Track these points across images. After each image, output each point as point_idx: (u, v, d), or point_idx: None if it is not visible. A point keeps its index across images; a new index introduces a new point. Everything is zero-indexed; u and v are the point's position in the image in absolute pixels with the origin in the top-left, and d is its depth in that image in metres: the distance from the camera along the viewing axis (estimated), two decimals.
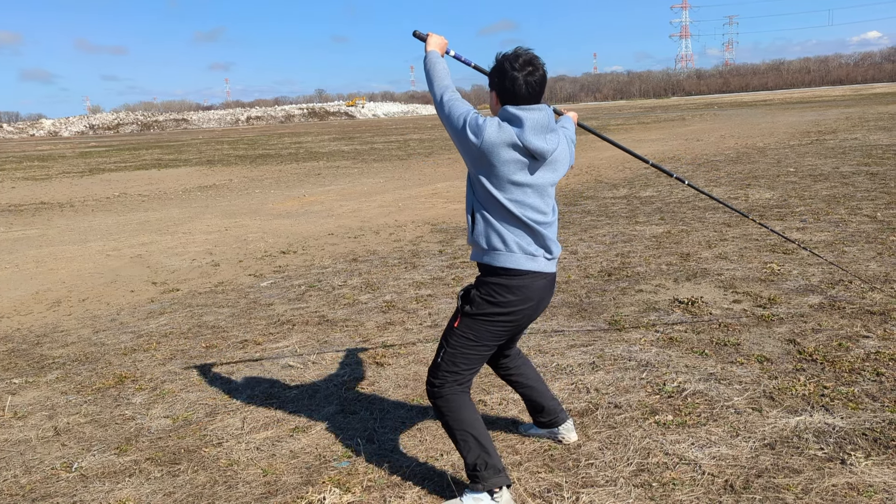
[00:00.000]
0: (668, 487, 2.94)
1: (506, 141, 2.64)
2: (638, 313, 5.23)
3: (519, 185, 2.70)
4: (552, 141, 2.72)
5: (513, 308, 2.79)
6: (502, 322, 2.82)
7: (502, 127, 2.65)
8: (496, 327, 2.82)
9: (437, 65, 2.91)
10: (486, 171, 2.69)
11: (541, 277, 2.81)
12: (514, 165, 2.67)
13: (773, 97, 79.13)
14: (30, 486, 3.33)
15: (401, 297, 6.17)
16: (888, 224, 7.62)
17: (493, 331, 2.83)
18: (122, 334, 5.66)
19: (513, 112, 2.68)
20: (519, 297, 2.78)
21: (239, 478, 3.27)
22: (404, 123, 66.56)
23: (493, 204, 2.73)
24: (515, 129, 2.65)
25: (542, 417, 3.33)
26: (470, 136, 2.66)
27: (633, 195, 11.31)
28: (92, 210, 14.18)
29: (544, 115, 2.70)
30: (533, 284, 2.79)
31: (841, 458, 3.07)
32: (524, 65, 2.68)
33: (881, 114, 28.84)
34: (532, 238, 2.78)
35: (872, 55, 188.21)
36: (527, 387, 3.27)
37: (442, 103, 2.79)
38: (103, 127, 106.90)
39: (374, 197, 13.61)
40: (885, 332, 4.50)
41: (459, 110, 2.73)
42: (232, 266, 8.01)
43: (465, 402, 2.89)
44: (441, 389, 2.86)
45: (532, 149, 2.65)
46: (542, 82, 2.71)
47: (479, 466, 2.82)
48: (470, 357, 2.86)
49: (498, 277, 2.77)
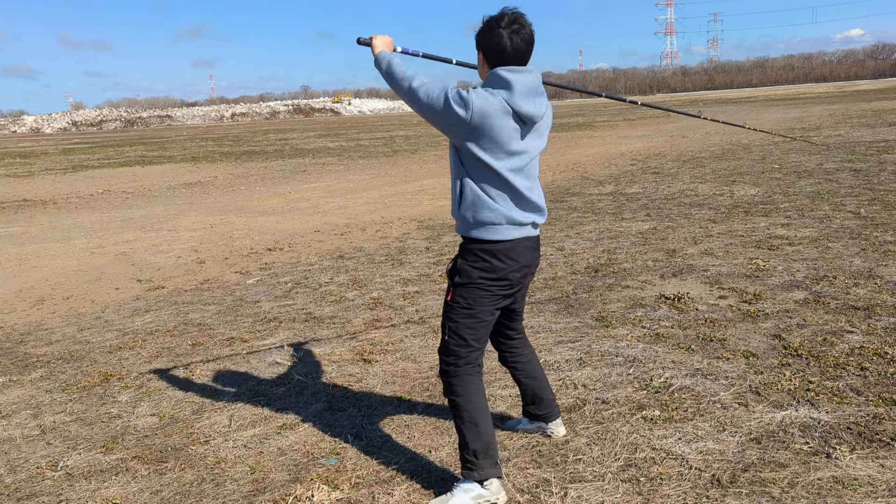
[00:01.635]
0: (655, 482, 2.95)
1: (497, 108, 2.57)
2: (625, 309, 5.25)
3: (515, 153, 2.67)
4: (541, 105, 2.69)
5: (501, 272, 2.78)
6: (494, 286, 2.80)
7: (491, 94, 2.58)
8: (489, 292, 2.80)
9: (392, 60, 2.77)
10: (480, 141, 2.61)
11: (526, 240, 2.81)
12: (508, 132, 2.62)
13: (758, 94, 79.62)
14: (15, 486, 3.30)
15: (388, 293, 6.16)
16: (871, 220, 7.69)
17: (486, 296, 2.81)
18: (107, 332, 5.62)
19: (502, 75, 2.62)
20: (505, 262, 2.77)
21: (226, 475, 3.25)
22: (390, 120, 66.43)
23: (487, 174, 2.68)
24: (504, 92, 2.59)
25: (538, 410, 3.32)
26: (457, 111, 2.55)
27: (619, 192, 11.35)
28: (75, 207, 14.05)
29: (534, 78, 2.66)
30: (519, 247, 2.79)
31: (826, 452, 3.09)
32: (510, 22, 2.63)
33: (864, 111, 29.09)
34: (523, 207, 2.76)
35: (855, 52, 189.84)
36: (530, 376, 3.26)
37: (413, 90, 2.64)
38: (86, 123, 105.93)
39: (360, 194, 13.57)
40: (868, 327, 4.54)
41: (436, 90, 2.60)
42: (217, 263, 7.96)
43: (479, 387, 2.88)
44: (456, 368, 2.84)
45: (523, 113, 2.61)
46: (529, 40, 2.66)
47: (479, 454, 2.82)
48: (473, 327, 2.83)
49: (483, 244, 2.75)
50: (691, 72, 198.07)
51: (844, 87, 79.97)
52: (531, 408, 3.34)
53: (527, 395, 3.32)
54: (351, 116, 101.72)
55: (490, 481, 2.84)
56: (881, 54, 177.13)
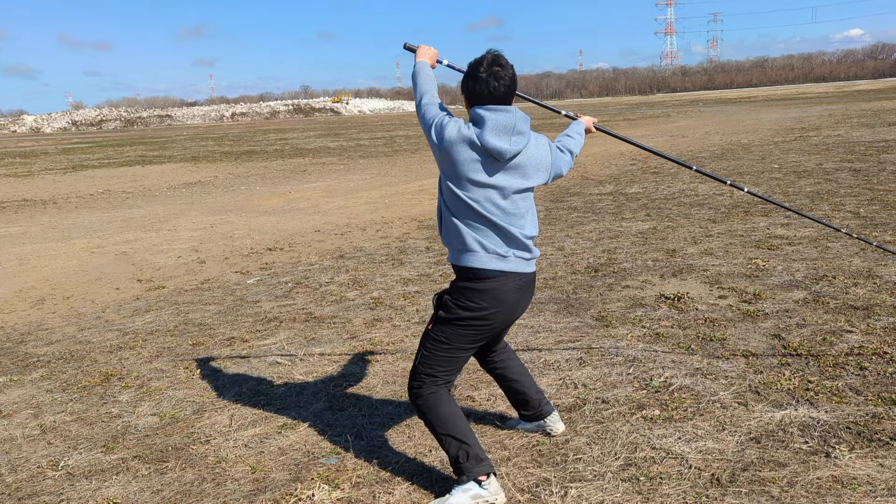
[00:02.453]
0: (655, 481, 2.96)
1: (464, 139, 2.69)
2: (624, 309, 5.26)
3: (479, 184, 2.73)
4: (516, 143, 2.72)
5: (483, 313, 2.80)
6: (475, 326, 2.83)
7: (463, 127, 2.71)
8: (469, 331, 2.84)
9: (422, 72, 3.01)
10: (450, 170, 2.75)
11: (513, 279, 2.81)
12: (472, 164, 2.70)
13: (758, 94, 79.60)
14: (16, 485, 3.30)
15: (388, 293, 6.16)
16: (871, 220, 7.70)
17: (466, 335, 2.85)
18: (107, 332, 5.62)
19: (478, 112, 2.74)
20: (489, 303, 2.79)
21: (227, 475, 3.26)
22: (390, 120, 66.42)
23: (457, 203, 2.76)
24: (476, 129, 2.70)
25: (526, 411, 3.35)
26: (433, 137, 2.75)
27: (619, 191, 11.35)
28: (75, 207, 14.06)
29: (510, 117, 2.71)
30: (504, 287, 2.79)
31: (825, 451, 3.10)
32: (489, 66, 2.73)
33: (864, 111, 29.10)
34: (501, 237, 2.79)
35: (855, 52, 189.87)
36: (511, 380, 3.28)
37: (419, 106, 2.90)
38: (86, 123, 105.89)
39: (360, 193, 13.58)
40: (868, 326, 4.55)
41: (431, 114, 2.83)
42: (218, 263, 7.97)
43: (441, 398, 2.90)
44: (419, 391, 2.91)
45: (489, 148, 2.68)
46: (508, 83, 2.73)
47: (461, 458, 2.85)
48: (445, 360, 2.88)
49: (469, 282, 2.79)
50: (691, 72, 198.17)
51: (844, 87, 79.99)
52: (521, 410, 3.37)
53: (512, 397, 3.35)
54: (351, 116, 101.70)
55: (488, 481, 2.85)
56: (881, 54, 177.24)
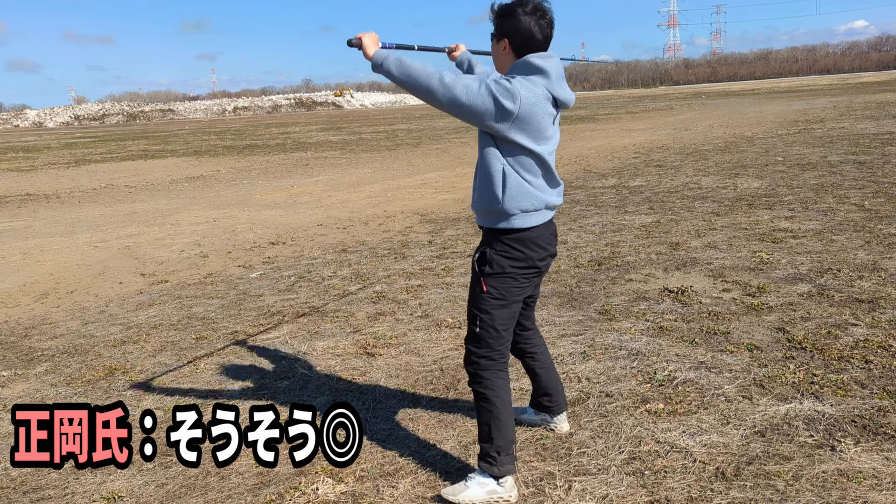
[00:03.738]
0: (659, 475, 2.95)
1: (541, 96, 2.59)
2: (628, 302, 5.25)
3: (550, 137, 2.70)
4: (569, 89, 2.74)
5: (531, 261, 2.79)
6: (524, 274, 2.81)
7: (533, 82, 2.59)
8: (519, 281, 2.81)
9: (401, 58, 2.58)
10: (526, 130, 2.60)
11: (549, 225, 2.84)
12: (548, 119, 2.65)
13: (761, 86, 79.36)
14: (20, 479, 3.31)
15: (391, 287, 6.16)
16: (876, 213, 7.67)
17: (517, 285, 2.81)
18: (111, 326, 5.63)
19: (536, 63, 2.62)
20: (535, 250, 2.78)
21: (231, 468, 3.26)
22: (392, 113, 66.35)
23: (529, 162, 2.67)
24: (542, 79, 2.61)
25: (548, 401, 3.31)
26: (505, 104, 2.50)
27: (622, 185, 11.33)
28: (78, 201, 14.07)
29: (560, 64, 2.69)
30: (545, 233, 2.81)
31: (831, 444, 3.09)
32: (535, 9, 2.63)
33: (868, 103, 28.99)
34: (554, 187, 2.80)
35: (859, 44, 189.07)
36: (543, 366, 3.26)
37: (447, 85, 2.50)
38: (89, 117, 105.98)
39: (362, 187, 13.57)
40: (873, 319, 4.53)
41: (474, 83, 2.51)
42: (221, 257, 7.97)
43: (508, 382, 2.89)
44: (489, 361, 2.82)
45: (560, 99, 2.65)
46: (552, 25, 2.68)
47: (502, 451, 2.82)
48: (505, 317, 2.83)
49: (517, 233, 2.74)
50: (694, 64, 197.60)
51: (848, 79, 79.71)
52: (543, 399, 3.32)
53: (539, 385, 3.30)
54: (353, 110, 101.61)
55: (505, 478, 2.84)
56: (885, 46, 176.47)
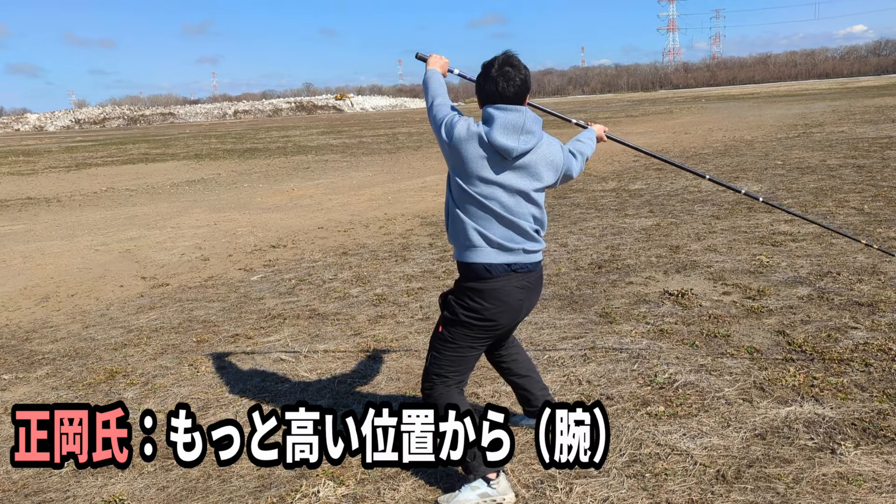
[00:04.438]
0: (660, 478, 2.96)
1: (473, 136, 2.72)
2: (629, 305, 5.25)
3: (487, 181, 2.73)
4: (525, 142, 2.72)
5: (487, 314, 2.80)
6: (480, 327, 2.84)
7: (472, 125, 2.74)
8: (474, 332, 2.85)
9: (433, 78, 3.07)
10: (459, 167, 2.77)
11: (516, 278, 2.80)
12: (480, 161, 2.72)
13: (760, 90, 79.41)
14: (22, 482, 3.32)
15: (391, 290, 6.17)
16: (875, 216, 7.68)
17: (472, 335, 2.85)
18: (112, 329, 5.63)
19: (488, 111, 2.77)
20: (492, 304, 2.79)
21: (232, 471, 3.26)
22: (393, 117, 66.39)
23: (465, 198, 2.77)
24: (486, 127, 2.72)
25: (530, 407, 3.34)
26: (443, 135, 2.79)
27: (622, 188, 11.34)
28: (79, 205, 14.08)
29: (519, 116, 2.72)
30: (507, 287, 2.79)
31: (831, 447, 3.10)
32: (500, 66, 2.75)
33: (867, 107, 29.02)
34: (508, 229, 2.78)
35: (858, 49, 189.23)
36: (517, 375, 3.29)
37: (430, 108, 2.95)
38: (89, 121, 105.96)
39: (363, 190, 13.58)
40: (872, 323, 4.54)
41: (441, 114, 2.87)
42: (221, 260, 7.98)
43: (455, 395, 2.91)
44: (431, 391, 2.93)
45: (496, 145, 2.69)
46: (519, 84, 2.74)
47: (469, 456, 2.83)
48: (453, 360, 2.89)
49: (472, 282, 2.80)
50: (694, 68, 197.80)
51: (847, 84, 79.75)
52: (526, 406, 3.36)
53: (518, 392, 3.35)
54: (354, 113, 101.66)
55: (497, 479, 2.85)
56: (884, 50, 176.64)
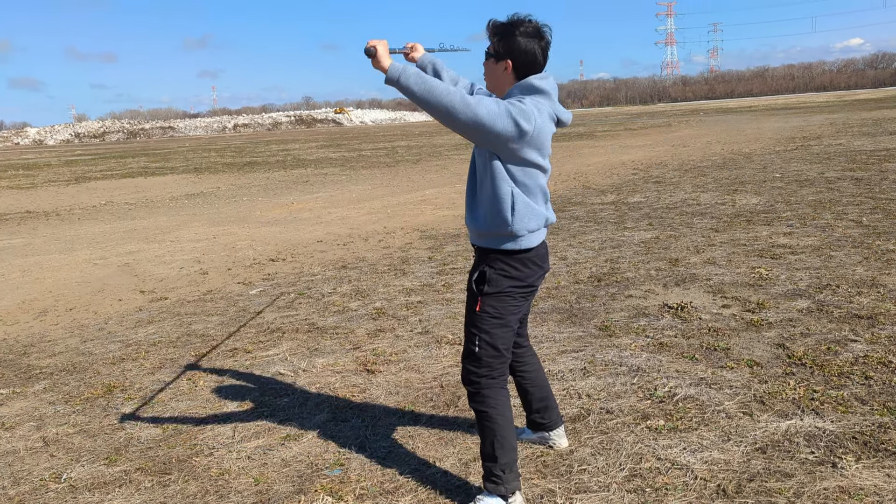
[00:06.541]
0: (660, 492, 2.94)
1: (551, 117, 2.66)
2: (628, 318, 5.24)
3: (546, 155, 2.73)
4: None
5: (528, 279, 2.80)
6: (521, 293, 2.82)
7: (539, 103, 2.63)
8: (516, 299, 2.82)
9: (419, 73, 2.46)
10: (532, 154, 2.62)
11: (544, 243, 2.87)
12: (549, 138, 2.68)
13: (758, 103, 79.69)
14: (18, 498, 3.29)
15: (391, 303, 6.15)
16: (874, 229, 7.69)
17: (514, 304, 2.82)
18: (110, 343, 5.62)
19: (538, 84, 2.66)
20: (532, 268, 2.80)
21: (230, 487, 3.25)
22: (392, 130, 66.57)
23: (533, 181, 2.69)
24: (546, 100, 2.65)
25: (541, 418, 3.30)
26: (523, 125, 2.52)
27: (620, 201, 11.35)
28: (78, 219, 14.08)
29: (555, 84, 2.73)
30: (541, 251, 2.84)
31: (832, 461, 3.08)
32: (536, 32, 2.67)
33: (865, 119, 29.11)
34: (548, 206, 2.83)
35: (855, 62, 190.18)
36: (536, 384, 3.25)
37: (469, 105, 2.44)
38: (89, 135, 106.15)
39: (362, 204, 13.59)
40: (872, 335, 4.53)
41: (494, 104, 2.49)
42: (220, 274, 7.97)
43: (508, 400, 2.88)
44: (489, 380, 2.81)
45: (563, 119, 2.70)
46: (548, 48, 2.74)
47: (507, 469, 2.81)
48: (504, 336, 2.83)
49: (517, 253, 2.76)
50: (692, 81, 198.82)
51: (844, 97, 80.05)
52: (536, 416, 3.32)
53: (532, 403, 3.29)
54: (353, 127, 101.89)
55: (514, 496, 2.84)
56: (881, 63, 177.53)
